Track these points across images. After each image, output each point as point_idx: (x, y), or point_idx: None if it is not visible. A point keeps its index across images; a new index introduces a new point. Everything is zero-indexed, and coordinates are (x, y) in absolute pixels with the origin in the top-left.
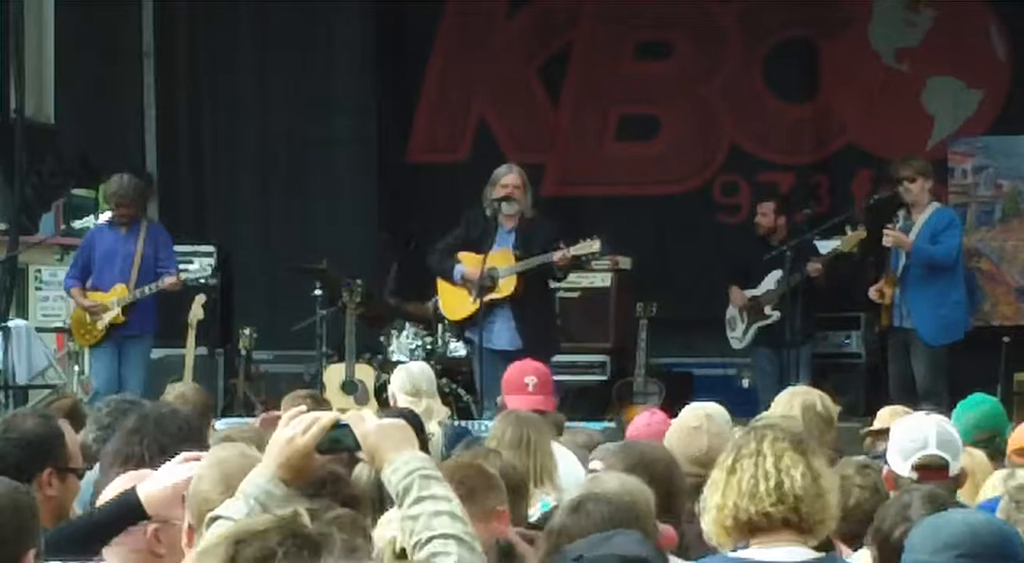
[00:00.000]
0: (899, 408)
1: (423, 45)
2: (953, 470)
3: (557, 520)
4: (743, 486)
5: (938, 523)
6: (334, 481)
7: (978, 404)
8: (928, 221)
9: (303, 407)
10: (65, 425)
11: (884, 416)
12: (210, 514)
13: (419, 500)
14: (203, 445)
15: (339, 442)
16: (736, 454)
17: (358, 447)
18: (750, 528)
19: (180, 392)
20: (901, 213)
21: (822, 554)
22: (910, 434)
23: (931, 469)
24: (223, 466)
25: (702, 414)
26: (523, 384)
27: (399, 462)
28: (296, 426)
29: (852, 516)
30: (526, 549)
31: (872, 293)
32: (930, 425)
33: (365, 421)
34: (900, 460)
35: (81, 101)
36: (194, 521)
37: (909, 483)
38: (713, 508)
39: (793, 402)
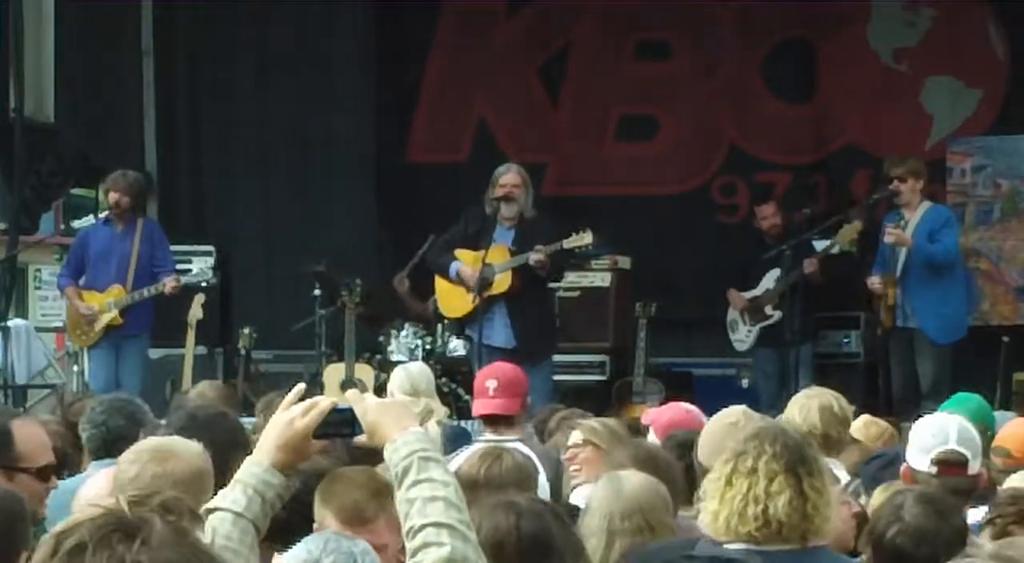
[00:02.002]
0: (874, 419)
1: (423, 45)
2: (972, 469)
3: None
4: (734, 504)
5: None
6: (329, 476)
7: (964, 402)
8: (922, 220)
9: (301, 388)
10: (29, 424)
11: (859, 426)
12: (207, 505)
13: (416, 483)
14: (249, 449)
15: (337, 426)
16: (734, 465)
17: (356, 432)
18: (737, 535)
19: (200, 391)
20: (903, 214)
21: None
22: (931, 430)
23: (950, 465)
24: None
25: (739, 411)
26: (485, 388)
27: (400, 442)
28: (295, 409)
29: None
30: None
31: (874, 284)
32: (951, 422)
33: (365, 399)
34: (920, 455)
35: (81, 101)
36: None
37: (928, 478)
38: (710, 512)
39: (810, 404)
